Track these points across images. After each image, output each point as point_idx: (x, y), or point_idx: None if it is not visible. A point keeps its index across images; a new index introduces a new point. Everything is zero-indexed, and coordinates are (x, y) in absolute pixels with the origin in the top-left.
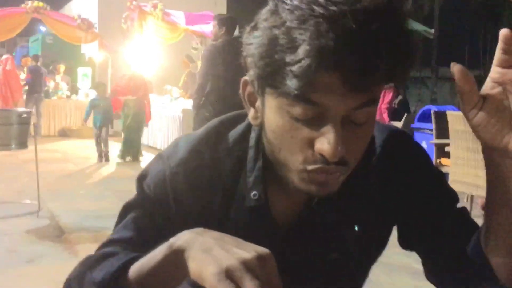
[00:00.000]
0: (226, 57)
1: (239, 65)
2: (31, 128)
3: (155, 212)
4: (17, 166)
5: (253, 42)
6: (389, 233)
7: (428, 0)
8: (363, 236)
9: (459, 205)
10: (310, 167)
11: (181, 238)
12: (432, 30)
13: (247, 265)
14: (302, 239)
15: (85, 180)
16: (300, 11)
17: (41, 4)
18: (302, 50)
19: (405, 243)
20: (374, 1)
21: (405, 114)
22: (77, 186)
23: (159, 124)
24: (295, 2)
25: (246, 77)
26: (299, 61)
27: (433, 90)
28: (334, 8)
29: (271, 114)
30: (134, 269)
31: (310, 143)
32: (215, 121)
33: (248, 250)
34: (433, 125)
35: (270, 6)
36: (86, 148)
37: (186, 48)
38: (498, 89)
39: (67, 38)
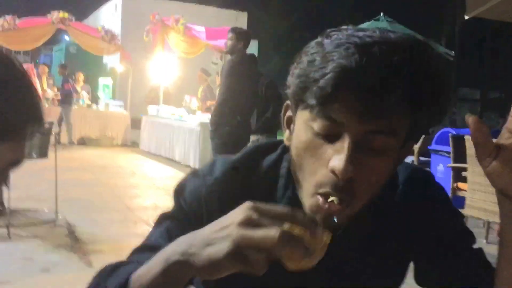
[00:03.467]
0: (244, 71)
1: (255, 78)
2: (52, 138)
3: (188, 226)
4: (36, 173)
5: (295, 69)
6: (405, 271)
7: (449, 21)
8: (381, 271)
9: (475, 244)
10: (320, 190)
11: (176, 251)
12: (452, 53)
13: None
14: (321, 270)
15: (102, 190)
16: (339, 40)
17: (66, 15)
18: (329, 67)
19: (421, 281)
20: (404, 38)
21: (422, 136)
22: (94, 196)
23: (177, 136)
24: (340, 36)
25: (288, 102)
26: (324, 75)
27: (452, 110)
28: (368, 39)
29: (298, 130)
30: (134, 281)
31: (326, 163)
32: (252, 146)
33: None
34: (451, 149)
35: (318, 39)
36: (104, 158)
37: (206, 62)
38: None
39: (90, 49)
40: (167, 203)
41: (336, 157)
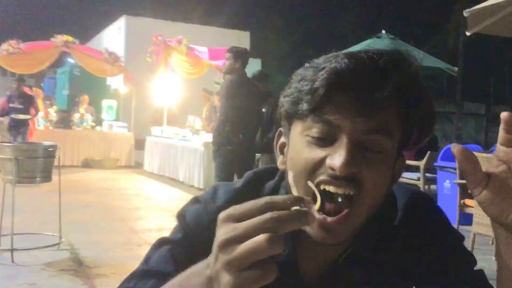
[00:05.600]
0: (243, 89)
1: (254, 96)
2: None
3: (193, 251)
4: (40, 196)
5: (286, 90)
6: None
7: (452, 37)
8: None
9: (477, 267)
10: (321, 178)
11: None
12: (456, 68)
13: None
14: None
15: (106, 212)
16: (329, 55)
17: (70, 38)
18: (320, 73)
19: None
20: (388, 49)
21: (428, 152)
22: (98, 218)
23: (181, 156)
24: (329, 55)
25: (281, 128)
26: (315, 80)
27: (457, 125)
28: (354, 51)
29: (292, 143)
30: None
31: (322, 162)
32: (250, 173)
33: None
34: (456, 165)
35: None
36: (108, 179)
37: (209, 82)
38: (502, 168)
39: (94, 71)
40: (172, 225)
41: (334, 155)
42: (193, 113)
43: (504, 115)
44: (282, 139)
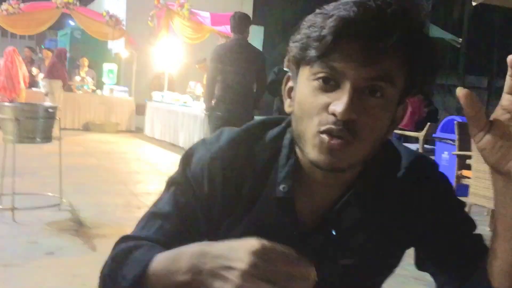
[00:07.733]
0: (234, 54)
1: (247, 60)
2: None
3: (190, 192)
4: (40, 157)
5: (296, 35)
6: (402, 252)
7: (458, 8)
8: (379, 246)
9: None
10: (322, 128)
11: (187, 268)
12: (460, 39)
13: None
14: (321, 240)
15: (106, 175)
16: (339, 2)
17: None
18: (329, 21)
19: (420, 265)
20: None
21: (428, 124)
22: (98, 180)
23: (182, 122)
24: (339, 1)
25: (289, 73)
26: (323, 28)
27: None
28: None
29: (300, 88)
30: (156, 267)
31: (326, 108)
32: (258, 119)
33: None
34: (456, 136)
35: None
36: (108, 143)
37: (210, 47)
38: (506, 116)
39: (95, 34)
40: None
41: (337, 102)
42: (194, 79)
43: (511, 58)
44: (290, 84)
